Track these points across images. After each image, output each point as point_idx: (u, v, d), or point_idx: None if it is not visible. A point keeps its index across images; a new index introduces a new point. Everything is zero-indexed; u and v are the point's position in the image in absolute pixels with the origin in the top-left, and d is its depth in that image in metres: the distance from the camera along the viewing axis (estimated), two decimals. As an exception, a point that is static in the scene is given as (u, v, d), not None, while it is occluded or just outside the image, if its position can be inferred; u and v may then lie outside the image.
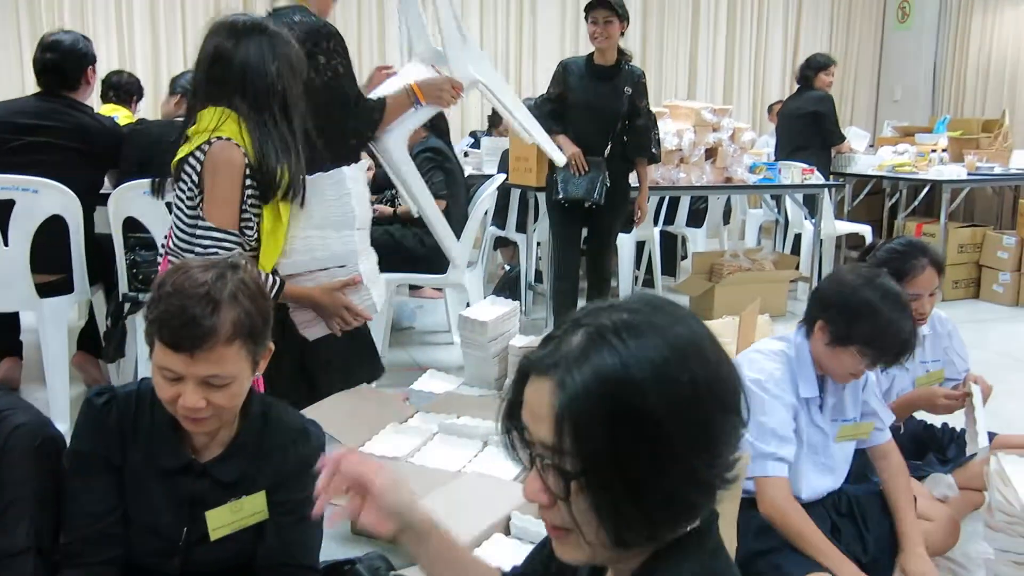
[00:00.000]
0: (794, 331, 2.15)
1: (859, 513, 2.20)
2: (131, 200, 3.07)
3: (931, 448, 2.72)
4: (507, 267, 5.56)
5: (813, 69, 5.79)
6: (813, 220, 5.35)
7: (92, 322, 3.56)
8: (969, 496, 2.46)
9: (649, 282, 5.78)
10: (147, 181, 2.31)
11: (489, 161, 5.54)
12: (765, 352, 2.12)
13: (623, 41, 4.01)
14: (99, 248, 3.27)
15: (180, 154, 2.08)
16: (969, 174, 5.67)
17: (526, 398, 0.88)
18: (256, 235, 2.13)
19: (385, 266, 3.86)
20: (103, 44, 6.01)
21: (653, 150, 4.14)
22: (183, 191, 2.07)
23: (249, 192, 2.07)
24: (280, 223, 2.16)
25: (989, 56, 7.65)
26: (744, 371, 2.07)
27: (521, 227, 5.19)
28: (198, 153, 2.04)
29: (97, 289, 3.40)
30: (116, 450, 1.53)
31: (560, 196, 4.00)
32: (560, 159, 3.70)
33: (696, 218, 5.93)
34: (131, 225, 3.19)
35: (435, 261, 3.92)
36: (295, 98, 2.14)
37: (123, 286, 3.19)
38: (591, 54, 4.04)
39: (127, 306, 2.86)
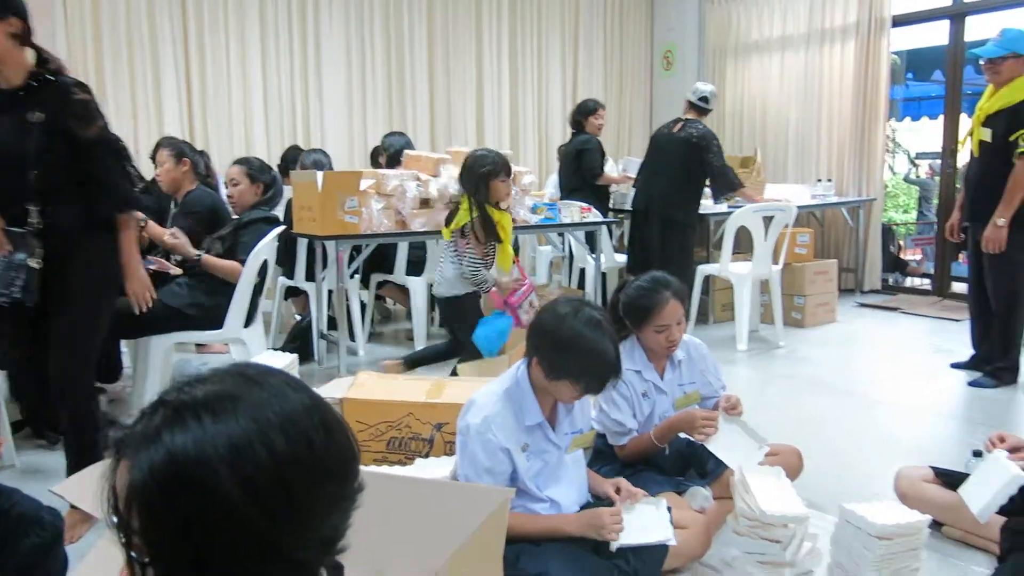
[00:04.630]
0: (517, 365, 2.32)
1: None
2: None
3: (692, 464, 2.93)
4: (298, 317, 5.46)
5: (583, 114, 6.22)
6: (594, 255, 5.65)
7: None
8: (725, 505, 2.68)
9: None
10: None
11: (276, 210, 5.43)
12: (488, 395, 2.28)
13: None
14: None
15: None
16: (729, 207, 6.21)
17: (118, 480, 0.84)
18: None
19: (159, 328, 3.74)
20: None
21: None
22: None
23: None
24: None
25: (742, 99, 8.46)
26: (467, 416, 2.24)
27: (310, 276, 5.13)
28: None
29: None
30: None
31: None
32: None
33: (486, 258, 6.11)
34: None
35: (210, 317, 3.81)
36: None
37: None
38: None
39: None
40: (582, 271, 6.26)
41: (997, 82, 4.34)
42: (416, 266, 5.51)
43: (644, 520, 2.31)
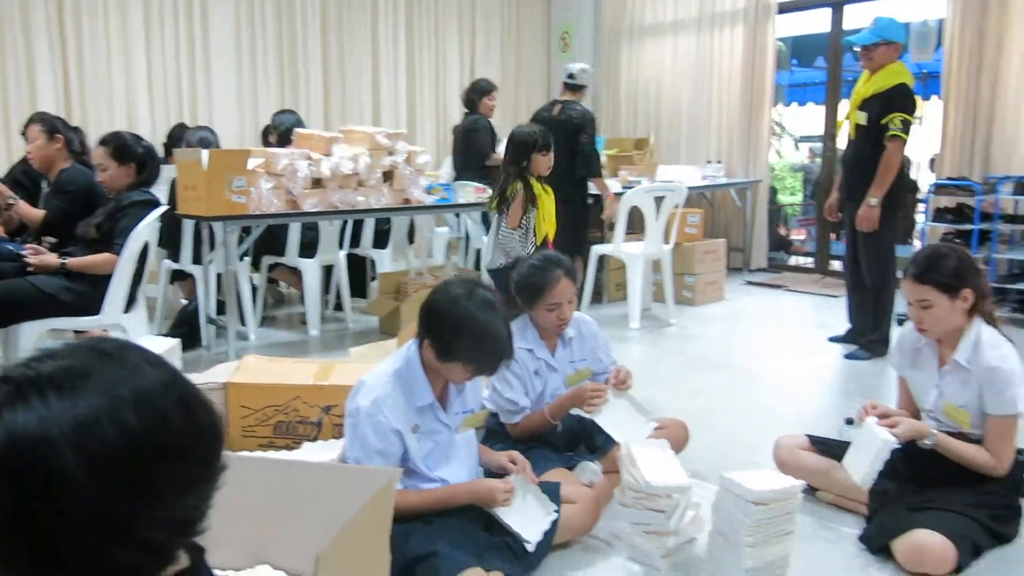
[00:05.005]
0: (407, 345, 2.31)
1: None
2: None
3: (582, 440, 2.98)
4: (185, 301, 5.27)
5: (476, 94, 6.20)
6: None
7: None
8: (613, 479, 2.73)
9: (339, 305, 5.78)
10: None
11: (159, 190, 5.21)
12: (378, 376, 2.26)
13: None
14: None
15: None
16: (623, 187, 6.31)
17: None
18: None
19: (31, 313, 3.54)
20: None
21: None
22: None
23: None
24: None
25: (636, 82, 8.60)
26: (356, 398, 2.22)
27: (197, 258, 4.95)
28: None
29: None
30: None
31: None
32: None
33: (381, 239, 6.03)
34: None
35: (87, 303, 3.63)
36: None
37: None
38: None
39: None
40: (478, 252, 6.26)
41: (871, 68, 4.55)
42: (309, 248, 5.39)
43: (529, 512, 2.35)
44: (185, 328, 4.86)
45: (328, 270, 5.76)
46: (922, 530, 2.36)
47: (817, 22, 8.11)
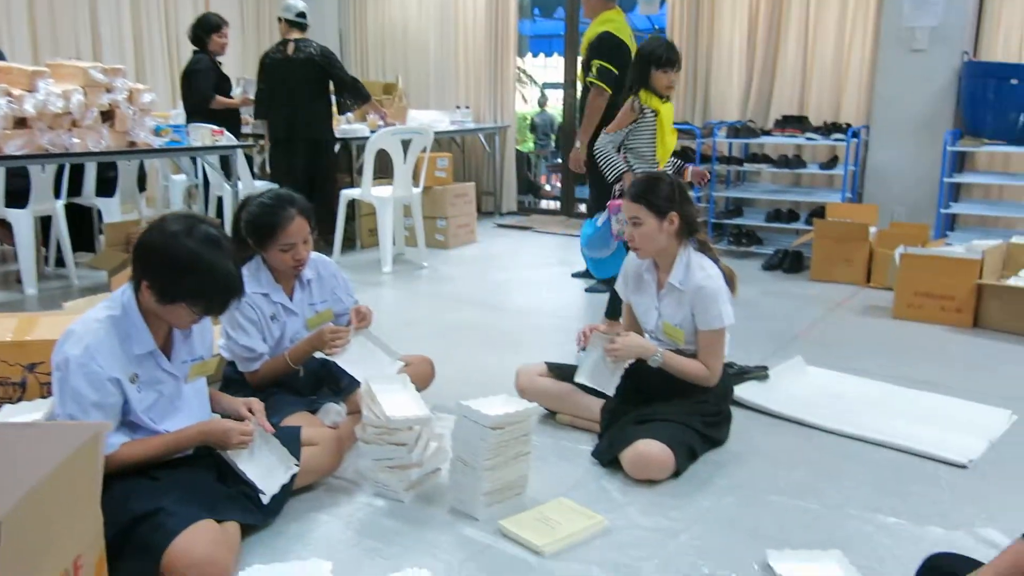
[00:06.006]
0: (121, 289, 2.12)
1: None
2: None
3: (326, 382, 2.92)
4: None
5: (203, 30, 5.76)
6: (231, 182, 5.34)
7: None
8: (357, 419, 2.70)
9: (61, 261, 5.23)
10: None
11: None
12: (88, 322, 2.05)
13: None
14: None
15: None
16: (371, 131, 6.19)
17: None
18: None
19: None
20: None
21: None
22: None
23: None
24: None
25: (383, 26, 8.44)
26: (64, 348, 2.01)
27: None
28: None
29: None
30: None
31: None
32: None
33: (108, 187, 5.50)
34: None
35: None
36: None
37: None
38: None
39: None
40: (220, 200, 5.91)
41: (588, 16, 4.86)
42: (17, 197, 4.80)
43: (266, 462, 2.26)
44: None
45: (45, 221, 5.18)
46: (644, 440, 2.56)
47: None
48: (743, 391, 3.23)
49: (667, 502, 2.45)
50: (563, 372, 3.04)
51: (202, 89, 5.71)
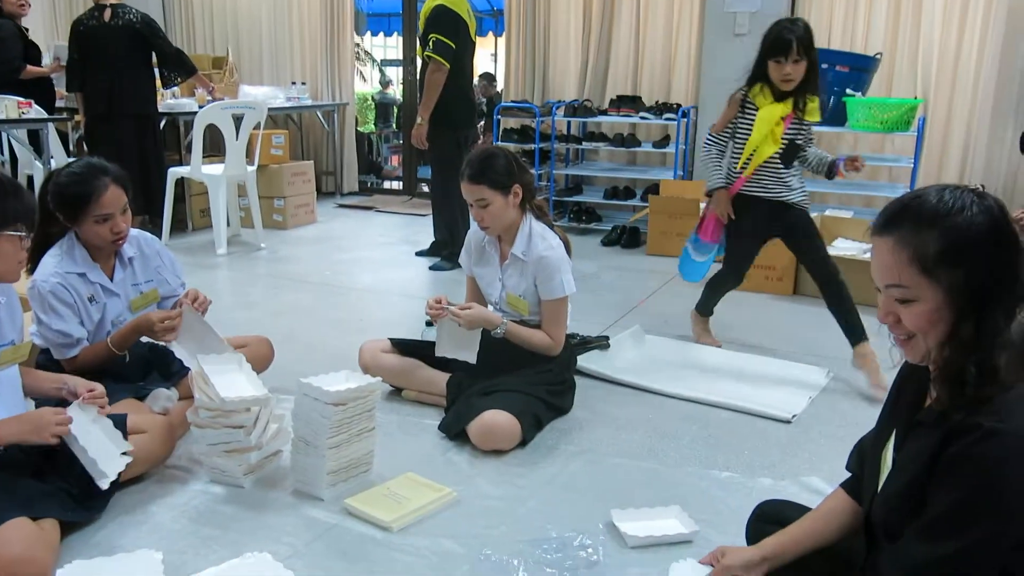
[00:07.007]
0: None
1: None
2: None
3: (155, 367, 2.74)
4: None
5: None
6: (41, 159, 4.91)
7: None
8: (190, 404, 2.55)
9: None
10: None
11: None
12: None
13: None
14: None
15: None
16: (200, 106, 5.86)
17: None
18: None
19: None
20: None
21: None
22: None
23: None
24: None
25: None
26: None
27: None
28: None
29: None
30: None
31: None
32: None
33: None
34: None
35: None
36: None
37: None
38: None
39: None
40: (30, 179, 5.43)
41: None
42: None
43: (102, 447, 2.10)
44: None
45: None
46: (491, 411, 2.56)
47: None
48: (586, 360, 3.31)
49: (514, 471, 2.46)
50: (408, 348, 3.00)
51: (9, 57, 5.21)
